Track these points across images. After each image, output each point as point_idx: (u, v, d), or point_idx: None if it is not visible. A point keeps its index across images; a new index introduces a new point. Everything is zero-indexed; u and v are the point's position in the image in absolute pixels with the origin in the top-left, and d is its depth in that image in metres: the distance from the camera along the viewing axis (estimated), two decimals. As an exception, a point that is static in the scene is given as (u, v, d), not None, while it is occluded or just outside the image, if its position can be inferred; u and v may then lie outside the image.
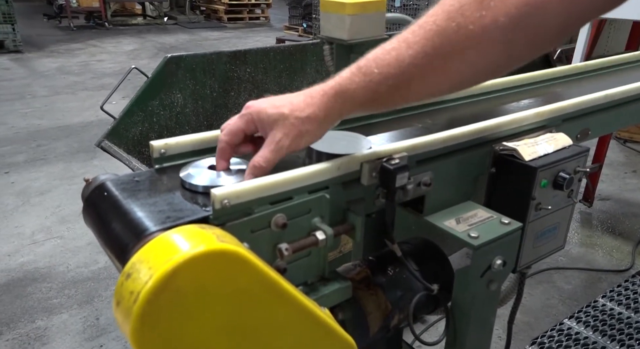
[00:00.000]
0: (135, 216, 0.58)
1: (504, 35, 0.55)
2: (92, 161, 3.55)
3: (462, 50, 0.57)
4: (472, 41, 0.56)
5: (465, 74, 0.61)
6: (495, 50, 0.57)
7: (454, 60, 0.58)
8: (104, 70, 6.12)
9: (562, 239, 0.97)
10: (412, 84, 0.60)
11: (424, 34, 0.58)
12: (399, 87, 0.60)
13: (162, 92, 1.51)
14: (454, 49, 0.57)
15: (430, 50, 0.58)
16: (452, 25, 0.56)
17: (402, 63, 0.59)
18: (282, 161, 0.79)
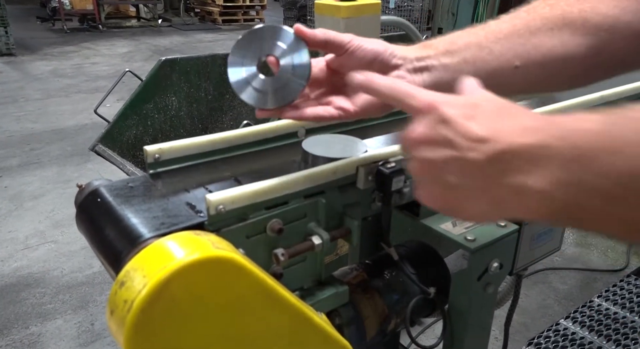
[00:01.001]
0: (129, 223, 0.57)
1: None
2: (86, 165, 3.53)
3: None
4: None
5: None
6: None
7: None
8: (97, 73, 6.09)
9: (558, 241, 0.97)
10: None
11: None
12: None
13: (156, 95, 1.51)
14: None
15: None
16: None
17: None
18: (277, 166, 0.79)
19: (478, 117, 0.40)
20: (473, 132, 0.39)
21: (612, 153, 0.32)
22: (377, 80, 0.50)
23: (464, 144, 0.39)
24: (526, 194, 0.37)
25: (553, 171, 0.35)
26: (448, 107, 0.41)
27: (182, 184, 0.67)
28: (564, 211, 0.36)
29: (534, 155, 0.36)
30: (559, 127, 0.36)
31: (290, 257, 0.63)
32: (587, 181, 0.33)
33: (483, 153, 0.38)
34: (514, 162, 0.37)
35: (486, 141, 0.38)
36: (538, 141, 0.36)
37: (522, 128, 0.37)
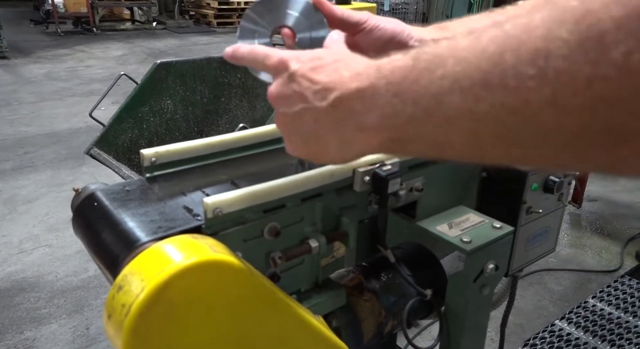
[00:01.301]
0: (126, 227, 0.57)
1: None
2: (81, 168, 3.51)
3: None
4: None
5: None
6: None
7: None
8: (92, 76, 6.07)
9: (553, 242, 0.98)
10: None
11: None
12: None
13: (152, 98, 1.50)
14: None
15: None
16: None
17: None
18: (274, 169, 0.79)
19: (321, 68, 0.44)
20: (316, 82, 0.44)
21: (414, 82, 0.36)
22: (240, 49, 0.54)
23: (311, 95, 0.44)
24: (365, 130, 0.41)
25: (380, 107, 0.39)
26: (295, 62, 0.46)
27: (178, 188, 0.67)
28: (392, 139, 0.40)
29: (366, 96, 0.40)
30: (381, 69, 0.40)
31: (287, 260, 0.63)
32: (402, 110, 0.38)
33: (327, 100, 0.42)
34: (352, 105, 0.41)
35: (328, 89, 0.43)
36: (367, 85, 0.40)
37: (356, 74, 0.41)
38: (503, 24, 0.32)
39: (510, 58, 0.30)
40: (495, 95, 0.31)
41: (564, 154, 0.31)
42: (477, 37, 0.33)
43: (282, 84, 0.46)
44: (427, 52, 0.36)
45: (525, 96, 0.29)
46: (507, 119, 0.31)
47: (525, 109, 0.30)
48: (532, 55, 0.29)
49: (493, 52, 0.31)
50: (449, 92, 0.34)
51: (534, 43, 0.29)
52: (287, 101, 0.46)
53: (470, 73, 0.32)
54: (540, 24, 0.29)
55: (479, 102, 0.32)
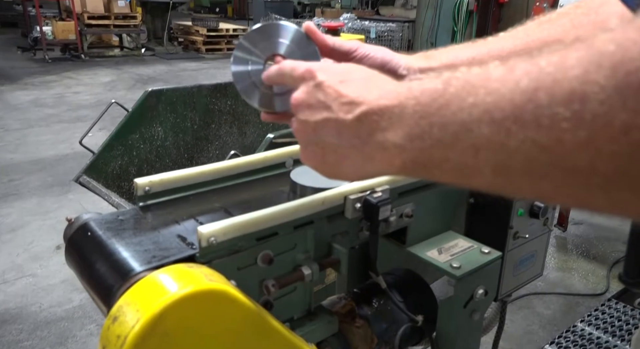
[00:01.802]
0: (120, 257, 0.57)
1: None
2: (67, 195, 3.47)
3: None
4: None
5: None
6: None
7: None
8: (80, 102, 6.06)
9: (540, 267, 0.99)
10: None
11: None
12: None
13: (142, 126, 1.51)
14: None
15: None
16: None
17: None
18: (266, 196, 0.80)
19: (349, 83, 0.44)
20: (344, 96, 0.43)
21: (443, 106, 0.36)
22: (270, 70, 0.55)
23: (337, 107, 0.44)
24: (388, 148, 0.41)
25: (407, 126, 0.39)
26: (323, 73, 0.46)
27: (172, 216, 0.67)
28: (415, 161, 0.40)
29: (393, 114, 0.40)
30: (411, 89, 0.40)
31: (280, 287, 0.63)
32: (429, 132, 0.37)
33: (353, 114, 0.42)
34: (378, 121, 0.41)
35: (355, 103, 0.43)
36: (396, 103, 0.40)
37: (385, 92, 0.42)
38: (536, 58, 0.32)
39: (544, 96, 0.30)
40: (527, 131, 0.31)
41: (595, 196, 0.30)
42: (510, 69, 0.33)
43: (308, 92, 0.46)
44: (458, 77, 0.36)
45: (558, 136, 0.29)
46: (538, 156, 0.31)
47: (557, 148, 0.30)
48: (568, 96, 0.29)
49: (526, 87, 0.31)
50: (479, 121, 0.33)
51: (569, 84, 0.29)
52: (311, 108, 0.46)
53: (503, 105, 0.32)
54: (575, 65, 0.29)
55: (510, 136, 0.32)
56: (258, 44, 0.58)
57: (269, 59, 0.58)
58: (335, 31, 3.37)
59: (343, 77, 0.45)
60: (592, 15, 0.65)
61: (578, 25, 0.64)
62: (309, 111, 0.46)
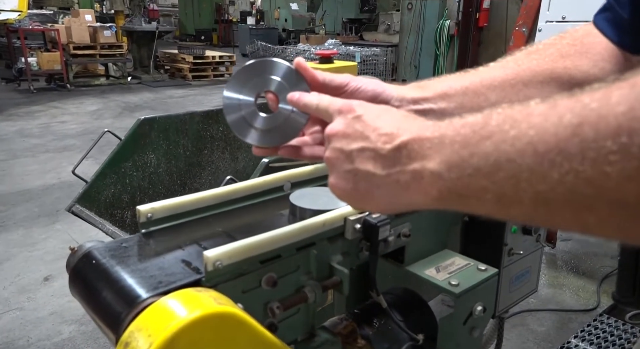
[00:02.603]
0: (126, 283, 0.58)
1: None
2: (54, 225, 3.42)
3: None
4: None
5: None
6: None
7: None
8: (66, 131, 6.03)
9: (535, 282, 1.01)
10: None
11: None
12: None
13: (135, 153, 1.52)
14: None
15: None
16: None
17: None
18: (266, 220, 0.81)
19: (387, 118, 0.47)
20: (381, 128, 0.46)
21: (485, 138, 0.37)
22: (305, 97, 0.56)
23: (375, 137, 0.45)
24: (425, 177, 0.41)
25: (446, 155, 0.40)
26: (361, 108, 0.49)
27: (175, 242, 0.68)
28: (452, 190, 0.40)
29: (433, 143, 0.41)
30: (452, 122, 0.41)
31: (285, 309, 0.64)
32: (468, 161, 0.38)
33: (391, 144, 0.44)
34: (417, 150, 0.42)
35: (394, 134, 0.45)
36: (437, 134, 0.41)
37: (425, 126, 0.44)
38: (578, 96, 0.33)
39: (589, 130, 0.31)
40: (572, 163, 0.31)
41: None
42: (552, 106, 0.34)
43: (346, 123, 0.48)
44: (499, 112, 0.37)
45: (604, 169, 0.30)
46: (583, 188, 0.31)
47: (603, 181, 0.30)
48: (615, 131, 0.29)
49: (570, 121, 0.32)
50: (522, 153, 0.34)
51: (615, 119, 0.30)
52: (347, 138, 0.47)
53: (546, 138, 0.33)
54: (621, 101, 0.30)
55: (554, 168, 0.32)
56: (250, 81, 0.58)
57: (258, 95, 0.59)
58: (329, 59, 3.44)
59: (380, 113, 0.48)
60: (577, 45, 0.68)
61: (566, 55, 0.67)
62: (345, 140, 0.48)
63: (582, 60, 0.66)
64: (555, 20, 2.39)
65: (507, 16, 6.20)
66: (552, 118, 0.33)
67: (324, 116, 0.54)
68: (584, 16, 2.55)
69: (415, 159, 0.42)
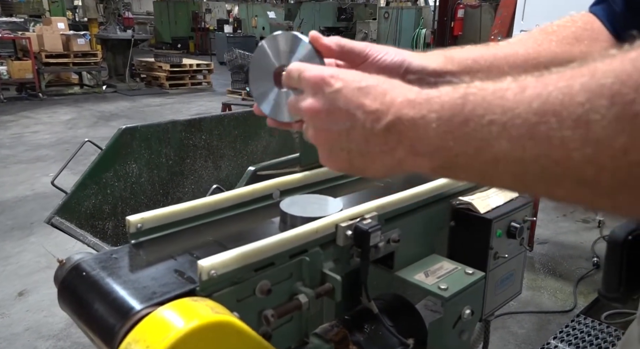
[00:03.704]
0: (119, 295, 0.57)
1: None
2: (29, 238, 3.32)
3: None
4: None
5: None
6: None
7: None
8: (39, 141, 5.88)
9: (519, 285, 1.04)
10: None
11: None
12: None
13: (116, 163, 1.50)
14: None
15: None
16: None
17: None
18: (256, 228, 0.81)
19: (368, 89, 0.45)
20: (366, 105, 0.44)
21: (463, 123, 0.39)
22: (291, 69, 0.52)
23: (362, 116, 0.44)
24: (419, 155, 0.43)
25: (432, 138, 0.41)
26: (337, 80, 0.46)
27: (167, 252, 0.67)
28: (443, 166, 0.42)
29: (419, 127, 0.42)
30: (431, 101, 0.42)
31: (279, 317, 0.64)
32: (453, 146, 0.40)
33: (380, 124, 0.44)
34: (406, 131, 0.43)
35: (381, 112, 0.44)
36: (420, 116, 0.42)
37: (407, 101, 0.43)
38: (546, 79, 0.36)
39: (554, 120, 0.34)
40: (541, 147, 0.35)
41: (601, 201, 0.35)
42: (522, 89, 0.37)
43: (325, 101, 0.46)
44: (475, 94, 0.39)
45: (567, 153, 0.34)
46: (552, 168, 0.35)
47: (567, 162, 0.34)
48: (574, 122, 0.33)
49: (538, 109, 0.35)
50: (498, 138, 0.37)
51: (575, 109, 0.33)
52: (332, 117, 0.46)
53: (518, 124, 0.36)
54: (580, 91, 0.33)
55: (526, 151, 0.36)
56: (267, 57, 0.58)
57: (276, 72, 0.58)
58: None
59: (360, 84, 0.45)
60: (589, 30, 0.69)
61: (580, 38, 0.68)
62: (330, 119, 0.46)
63: (595, 45, 0.67)
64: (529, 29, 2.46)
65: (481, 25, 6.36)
66: (522, 104, 0.36)
67: (299, 86, 0.51)
68: (557, 26, 2.59)
69: (406, 139, 0.43)
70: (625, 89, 0.31)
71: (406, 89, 0.45)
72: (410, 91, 0.44)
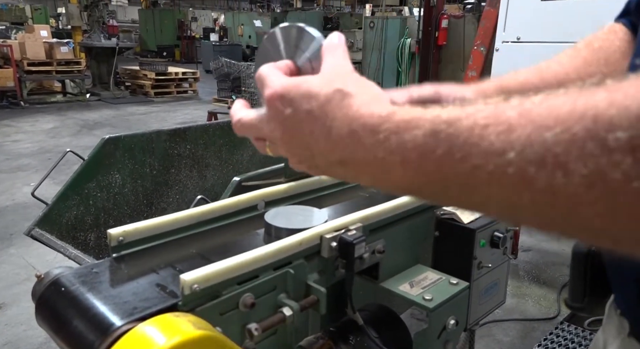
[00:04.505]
0: (98, 311, 0.56)
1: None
2: (8, 250, 3.24)
3: None
4: None
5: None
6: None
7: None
8: (20, 150, 5.77)
9: (503, 294, 1.04)
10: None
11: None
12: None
13: (99, 173, 1.48)
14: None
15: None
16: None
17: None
18: (240, 240, 0.80)
19: (321, 121, 0.40)
20: (319, 141, 0.40)
21: (437, 164, 0.34)
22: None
23: (318, 152, 0.41)
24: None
25: (400, 177, 0.36)
26: (287, 107, 0.41)
27: (149, 265, 0.66)
28: (432, 197, 0.38)
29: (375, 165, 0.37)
30: (402, 137, 0.35)
31: (263, 331, 0.63)
32: (421, 185, 0.36)
33: (333, 157, 0.40)
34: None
35: (331, 148, 0.40)
36: (377, 154, 0.37)
37: (358, 141, 0.38)
38: (500, 113, 0.31)
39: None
40: (503, 186, 0.31)
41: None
42: (482, 130, 0.31)
43: (281, 127, 0.42)
44: (446, 131, 0.33)
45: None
46: (516, 200, 0.31)
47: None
48: (522, 170, 0.29)
49: (498, 148, 0.30)
50: (473, 176, 0.32)
51: (511, 164, 0.30)
52: (289, 145, 0.43)
53: (483, 164, 0.31)
54: (515, 145, 0.29)
55: (492, 185, 0.32)
56: (274, 49, 0.52)
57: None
58: None
59: (310, 106, 0.40)
60: (629, 41, 0.66)
61: (626, 53, 0.65)
62: (290, 147, 0.43)
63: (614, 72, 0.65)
64: (511, 40, 2.51)
65: (465, 35, 6.46)
66: (484, 145, 0.32)
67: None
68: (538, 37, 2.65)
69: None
70: (557, 150, 0.28)
71: (361, 123, 0.38)
72: (369, 118, 0.38)
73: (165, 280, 0.63)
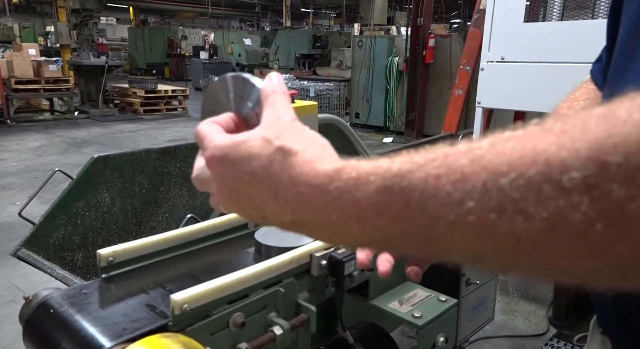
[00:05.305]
0: (87, 332, 0.55)
1: None
2: (-8, 270, 3.17)
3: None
4: None
5: None
6: None
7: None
8: (5, 169, 5.70)
9: (492, 311, 1.05)
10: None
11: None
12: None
13: (88, 193, 1.47)
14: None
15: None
16: None
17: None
18: (232, 259, 0.81)
19: (256, 183, 0.37)
20: (265, 206, 0.37)
21: (395, 222, 0.32)
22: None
23: (268, 213, 0.38)
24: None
25: (354, 233, 0.34)
26: (224, 165, 0.38)
27: (139, 286, 0.66)
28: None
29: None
30: (355, 194, 0.33)
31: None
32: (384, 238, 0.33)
33: (285, 218, 0.37)
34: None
35: (275, 212, 0.37)
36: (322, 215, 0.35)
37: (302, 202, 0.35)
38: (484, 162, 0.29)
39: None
40: (465, 235, 0.29)
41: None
42: (436, 180, 0.30)
43: (221, 185, 0.39)
44: (399, 185, 0.31)
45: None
46: (480, 247, 0.29)
47: (492, 236, 0.28)
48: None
49: (457, 198, 0.29)
50: (434, 227, 0.30)
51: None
52: (231, 202, 0.39)
53: (443, 215, 0.29)
54: (472, 196, 0.28)
55: (454, 234, 0.30)
56: (217, 101, 0.49)
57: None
58: (291, 98, 3.48)
59: (248, 168, 0.37)
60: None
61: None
62: (232, 205, 0.40)
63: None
64: (495, 60, 2.57)
65: (451, 54, 6.59)
66: (442, 194, 0.30)
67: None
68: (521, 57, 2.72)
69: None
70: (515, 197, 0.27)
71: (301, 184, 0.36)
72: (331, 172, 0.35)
73: (155, 300, 0.63)
